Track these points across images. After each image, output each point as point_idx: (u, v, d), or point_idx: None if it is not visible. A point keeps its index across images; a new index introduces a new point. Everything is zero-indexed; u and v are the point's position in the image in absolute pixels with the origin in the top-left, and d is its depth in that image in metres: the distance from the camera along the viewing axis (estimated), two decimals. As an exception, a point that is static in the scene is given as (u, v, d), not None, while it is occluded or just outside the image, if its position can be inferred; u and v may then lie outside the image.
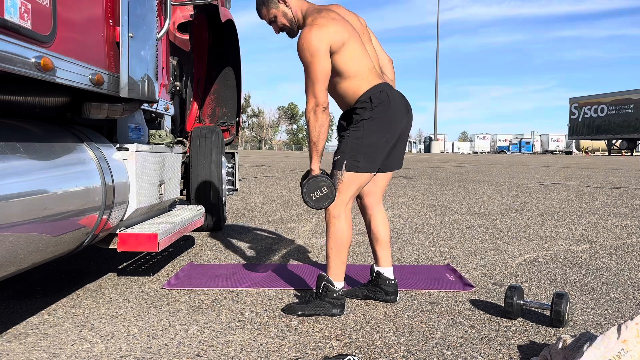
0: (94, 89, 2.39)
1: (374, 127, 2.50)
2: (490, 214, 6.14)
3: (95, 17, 2.44)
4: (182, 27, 4.40)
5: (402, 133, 2.61)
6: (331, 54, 2.46)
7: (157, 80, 2.87)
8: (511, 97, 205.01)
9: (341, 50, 2.47)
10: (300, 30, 2.61)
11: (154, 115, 3.69)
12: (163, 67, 3.48)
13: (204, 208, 4.08)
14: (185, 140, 4.20)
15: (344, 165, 2.51)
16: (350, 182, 2.52)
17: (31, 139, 2.20)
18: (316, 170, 2.50)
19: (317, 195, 2.45)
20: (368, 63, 2.56)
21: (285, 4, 2.63)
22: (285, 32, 2.73)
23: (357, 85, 2.53)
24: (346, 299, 2.66)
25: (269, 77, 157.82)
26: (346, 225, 2.54)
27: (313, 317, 2.49)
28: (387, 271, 2.76)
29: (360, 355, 2.07)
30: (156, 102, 2.95)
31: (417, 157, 28.61)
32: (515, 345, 2.18)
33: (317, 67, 2.40)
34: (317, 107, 2.42)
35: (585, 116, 40.27)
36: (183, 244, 4.27)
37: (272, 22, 2.69)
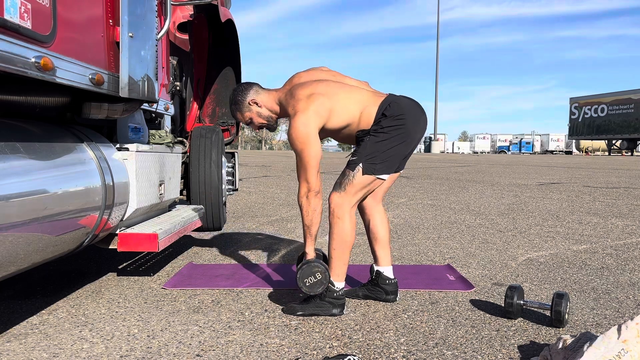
0: (94, 89, 2.38)
1: (393, 132, 2.51)
2: (490, 214, 6.14)
3: (95, 17, 2.44)
4: (182, 27, 4.40)
5: (420, 136, 2.63)
6: (327, 124, 2.50)
7: (157, 80, 2.87)
8: (511, 97, 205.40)
9: (333, 114, 2.50)
10: (279, 119, 2.72)
11: (154, 115, 3.68)
12: (163, 67, 3.48)
13: (204, 208, 4.08)
14: (185, 140, 4.20)
15: (360, 167, 2.51)
16: (361, 184, 2.52)
17: (31, 139, 2.20)
18: (310, 254, 2.53)
19: (311, 281, 2.47)
20: (362, 94, 2.59)
21: (257, 105, 2.67)
22: (264, 128, 2.79)
23: (366, 115, 2.54)
24: (346, 299, 2.66)
25: (269, 77, 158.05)
26: (350, 227, 2.54)
27: (313, 317, 2.49)
28: (387, 270, 2.76)
29: (360, 355, 2.07)
30: (156, 102, 2.95)
31: (417, 157, 28.59)
32: (516, 345, 2.18)
33: (309, 153, 2.44)
34: (309, 192, 2.46)
35: (586, 116, 40.24)
36: (183, 244, 4.27)
37: (249, 123, 2.75)
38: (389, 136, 2.50)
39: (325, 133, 2.60)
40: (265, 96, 2.68)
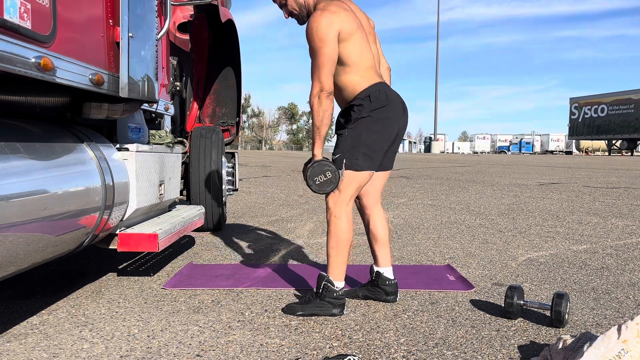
0: (94, 89, 2.39)
1: (372, 125, 2.51)
2: (490, 214, 6.14)
3: (95, 17, 2.44)
4: (182, 27, 4.40)
5: (398, 133, 2.62)
6: (339, 41, 2.46)
7: (157, 80, 2.87)
8: (511, 97, 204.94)
9: (348, 40, 2.48)
10: (306, 16, 2.61)
11: (154, 115, 3.69)
12: (163, 67, 3.48)
13: (204, 208, 4.08)
14: (185, 140, 4.20)
15: (344, 164, 2.51)
16: (350, 180, 2.52)
17: (31, 139, 2.20)
18: (319, 156, 2.50)
19: (321, 179, 2.46)
20: (370, 61, 2.57)
21: None
22: (294, 18, 2.72)
23: (356, 80, 2.53)
24: (346, 299, 2.66)
25: (269, 77, 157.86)
26: (347, 225, 2.54)
27: (313, 317, 2.49)
28: (387, 271, 2.76)
29: (360, 355, 2.07)
30: (156, 102, 2.95)
31: (417, 157, 28.60)
32: (516, 346, 2.18)
33: (325, 52, 2.41)
34: (322, 92, 2.42)
35: (586, 116, 40.24)
36: (183, 244, 4.27)
37: (282, 5, 2.69)
38: (367, 130, 2.50)
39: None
40: None
